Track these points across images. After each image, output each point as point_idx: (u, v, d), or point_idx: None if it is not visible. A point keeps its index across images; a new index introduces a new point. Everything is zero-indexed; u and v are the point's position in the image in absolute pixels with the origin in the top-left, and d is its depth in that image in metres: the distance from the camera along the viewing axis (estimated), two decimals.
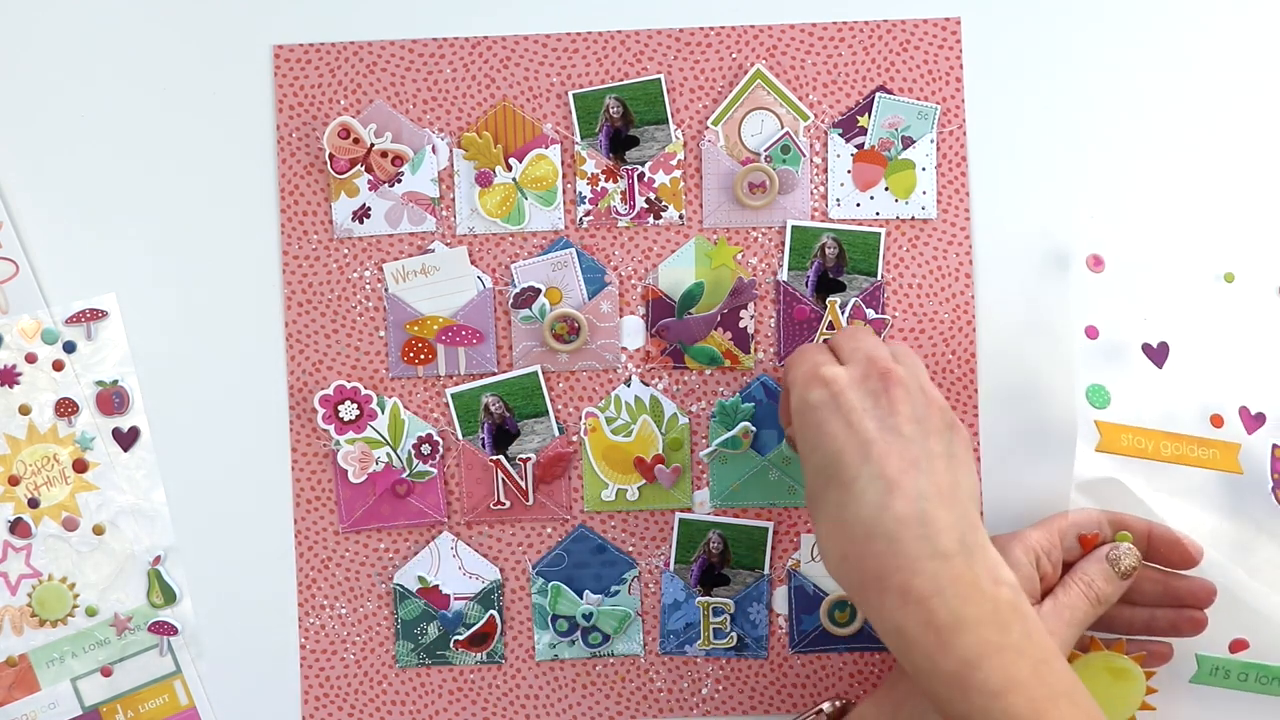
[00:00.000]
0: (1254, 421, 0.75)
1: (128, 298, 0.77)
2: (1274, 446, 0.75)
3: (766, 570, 0.77)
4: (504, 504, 0.77)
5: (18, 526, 0.76)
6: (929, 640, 0.59)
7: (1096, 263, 0.74)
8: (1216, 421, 0.75)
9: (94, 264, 0.77)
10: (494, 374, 0.77)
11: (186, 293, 0.77)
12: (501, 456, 0.76)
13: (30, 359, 0.76)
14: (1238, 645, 0.75)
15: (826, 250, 0.77)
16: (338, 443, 0.76)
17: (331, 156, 0.76)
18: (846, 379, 0.65)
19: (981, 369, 0.77)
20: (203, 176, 0.77)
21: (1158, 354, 0.75)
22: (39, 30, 0.77)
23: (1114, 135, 0.77)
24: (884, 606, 0.61)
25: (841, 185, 0.77)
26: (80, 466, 0.76)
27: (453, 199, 0.77)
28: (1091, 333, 0.75)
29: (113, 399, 0.76)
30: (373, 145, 0.76)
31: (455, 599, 0.77)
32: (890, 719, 0.68)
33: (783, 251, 0.77)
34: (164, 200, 0.77)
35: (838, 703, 0.73)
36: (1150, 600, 0.72)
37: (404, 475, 0.76)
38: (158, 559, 0.76)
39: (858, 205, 0.77)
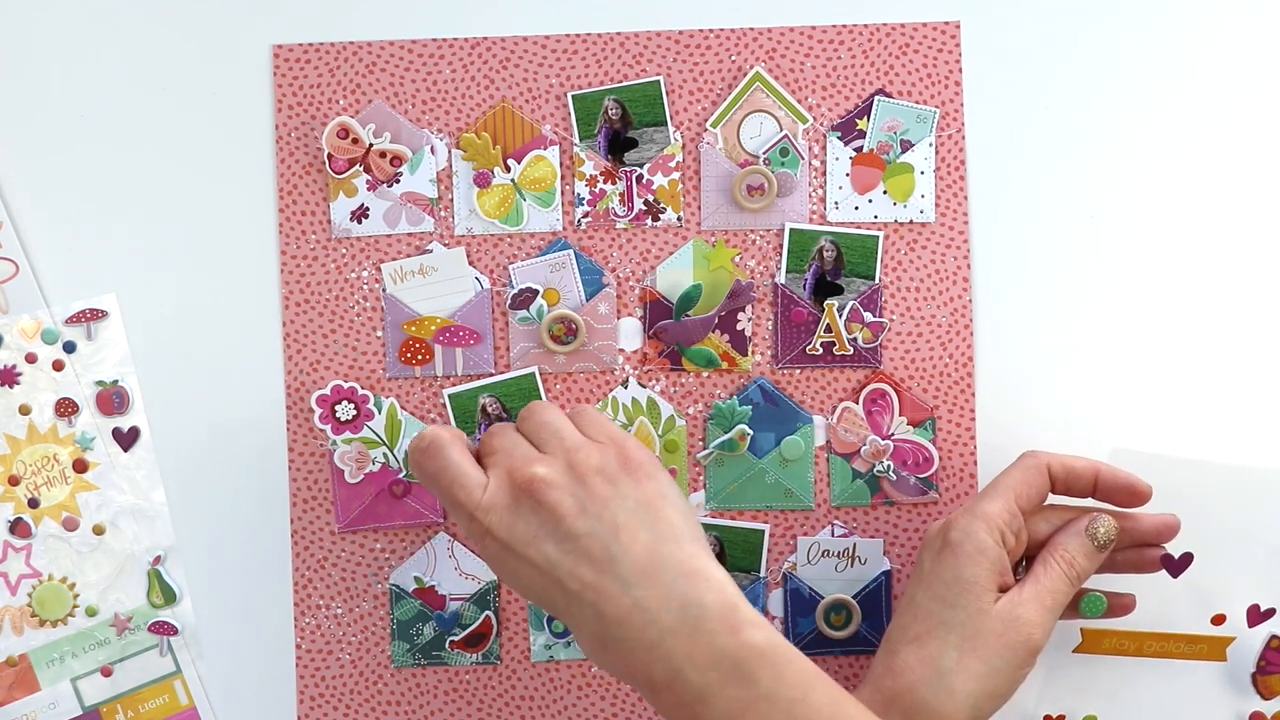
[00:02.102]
0: (1260, 617, 0.74)
1: (128, 298, 0.77)
2: (1272, 637, 0.73)
3: (762, 573, 0.77)
4: None
5: (18, 526, 0.76)
6: (686, 718, 0.59)
7: None
8: (1218, 620, 0.74)
9: (94, 264, 0.77)
10: (491, 375, 0.77)
11: (186, 293, 0.77)
12: None
13: (30, 359, 0.76)
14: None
15: (824, 253, 0.76)
16: (334, 443, 0.76)
17: (330, 156, 0.76)
18: (496, 514, 0.62)
19: (979, 373, 0.77)
20: (202, 176, 0.77)
21: (1177, 565, 0.71)
22: (39, 30, 0.77)
23: (1114, 138, 0.76)
24: (653, 703, 0.61)
25: (840, 188, 0.77)
26: (80, 466, 0.76)
27: (451, 199, 0.77)
28: None
29: (113, 399, 0.76)
30: (371, 145, 0.76)
31: (451, 599, 0.77)
32: (883, 713, 0.67)
33: (781, 254, 0.77)
34: (164, 200, 0.77)
35: None
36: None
37: (401, 475, 0.77)
38: (158, 559, 0.77)
39: (856, 208, 0.77)
